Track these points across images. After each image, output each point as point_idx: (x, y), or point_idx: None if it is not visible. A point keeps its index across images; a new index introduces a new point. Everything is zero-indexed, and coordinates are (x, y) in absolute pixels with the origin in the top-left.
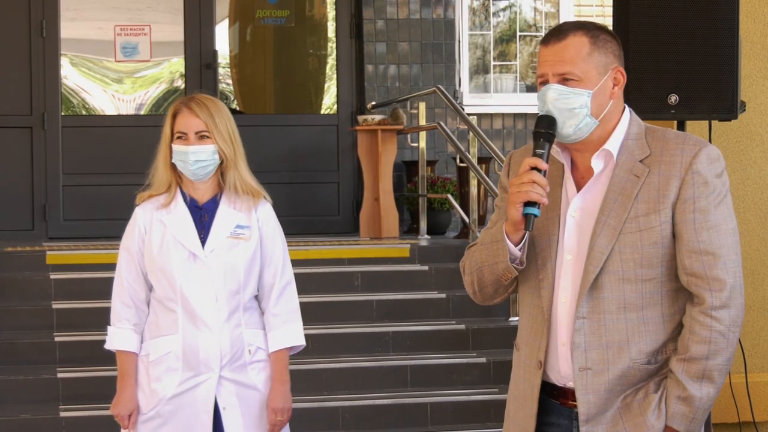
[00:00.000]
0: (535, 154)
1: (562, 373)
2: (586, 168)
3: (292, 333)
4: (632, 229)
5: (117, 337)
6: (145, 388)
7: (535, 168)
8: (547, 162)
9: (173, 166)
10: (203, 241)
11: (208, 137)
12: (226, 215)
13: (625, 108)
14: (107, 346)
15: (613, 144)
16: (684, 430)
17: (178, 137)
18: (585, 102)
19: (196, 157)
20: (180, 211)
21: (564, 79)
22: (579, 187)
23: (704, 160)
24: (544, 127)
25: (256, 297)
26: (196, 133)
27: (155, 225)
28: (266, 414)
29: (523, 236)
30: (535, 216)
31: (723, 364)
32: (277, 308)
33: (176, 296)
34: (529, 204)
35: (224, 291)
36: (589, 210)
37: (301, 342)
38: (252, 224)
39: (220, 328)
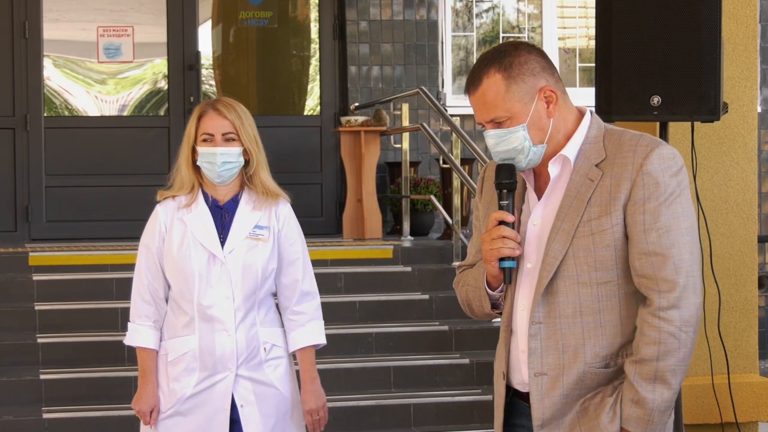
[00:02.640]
0: (500, 207)
1: (525, 380)
2: (547, 174)
3: (316, 330)
4: (585, 233)
5: (137, 334)
6: (164, 387)
7: (502, 221)
8: (513, 211)
9: (196, 168)
10: (223, 241)
11: (234, 139)
12: (245, 215)
13: (586, 112)
14: (127, 342)
15: (571, 149)
16: None
17: (204, 139)
18: (523, 136)
19: (223, 159)
20: (201, 211)
21: (496, 123)
22: (542, 194)
23: (656, 161)
24: (504, 178)
25: (273, 294)
26: (223, 134)
27: (176, 224)
28: (282, 410)
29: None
30: (512, 268)
31: (675, 365)
32: (301, 307)
33: (192, 296)
34: (504, 258)
35: (241, 291)
36: (549, 216)
37: (323, 340)
38: (271, 225)
39: (236, 327)
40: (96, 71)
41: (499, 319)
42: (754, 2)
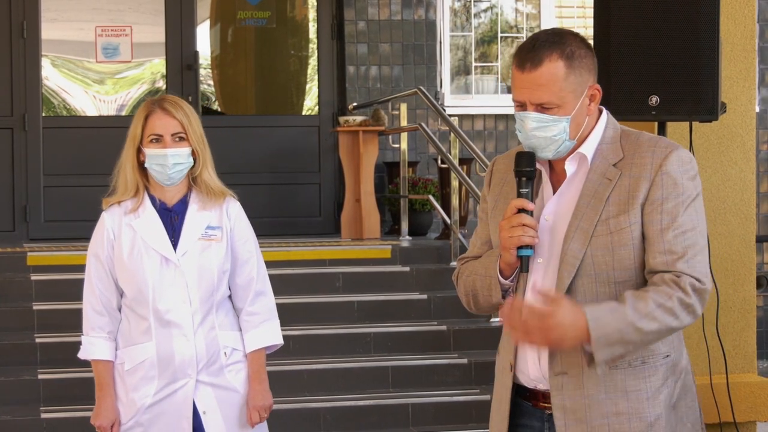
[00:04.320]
0: (519, 195)
1: (531, 376)
2: (562, 170)
3: (270, 332)
4: (603, 232)
5: (92, 347)
6: (123, 398)
7: (522, 209)
8: (532, 199)
9: (142, 170)
10: (175, 244)
11: (184, 138)
12: (196, 216)
13: (602, 111)
14: (82, 355)
15: (588, 147)
16: (594, 336)
17: (152, 140)
18: (564, 128)
19: (174, 160)
20: (149, 214)
21: (542, 107)
22: (555, 190)
23: (675, 162)
24: (525, 166)
25: (229, 297)
26: (173, 134)
27: (124, 230)
28: (246, 415)
29: (516, 269)
30: (530, 256)
31: (670, 327)
32: (255, 307)
33: (148, 302)
34: (521, 246)
35: (198, 294)
36: (562, 213)
37: (280, 341)
38: (223, 224)
39: (195, 332)
40: (94, 71)
41: (496, 319)
42: (752, 2)
